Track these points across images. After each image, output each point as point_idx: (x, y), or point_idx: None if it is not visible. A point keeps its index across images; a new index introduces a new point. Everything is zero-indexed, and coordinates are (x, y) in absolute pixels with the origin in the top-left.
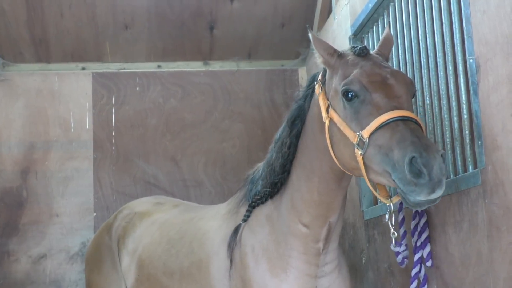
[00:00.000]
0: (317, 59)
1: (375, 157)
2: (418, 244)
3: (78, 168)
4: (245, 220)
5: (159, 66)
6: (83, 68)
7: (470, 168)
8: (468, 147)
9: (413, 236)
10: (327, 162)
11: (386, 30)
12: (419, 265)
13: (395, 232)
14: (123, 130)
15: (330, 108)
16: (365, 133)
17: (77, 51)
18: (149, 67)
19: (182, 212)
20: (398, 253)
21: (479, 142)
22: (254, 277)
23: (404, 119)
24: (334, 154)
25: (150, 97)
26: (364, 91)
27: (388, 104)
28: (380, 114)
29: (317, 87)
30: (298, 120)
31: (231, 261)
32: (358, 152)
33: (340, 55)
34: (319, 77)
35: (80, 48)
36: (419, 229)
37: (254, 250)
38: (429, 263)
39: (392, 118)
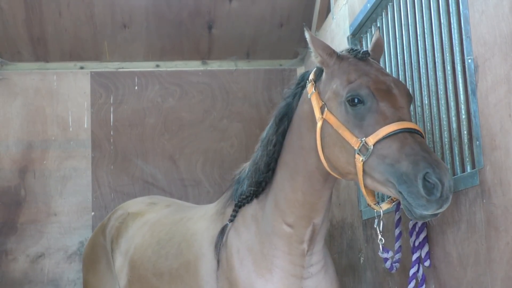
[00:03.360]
0: (314, 59)
1: (379, 166)
2: (416, 244)
3: (76, 167)
4: (231, 221)
5: (157, 66)
6: (81, 67)
7: (468, 168)
8: (466, 147)
9: (411, 236)
10: (313, 162)
11: (377, 35)
12: (417, 265)
13: (383, 239)
14: (121, 129)
15: (326, 109)
16: (370, 140)
17: (75, 50)
18: (148, 66)
19: (173, 213)
20: (386, 259)
21: (477, 142)
22: (240, 278)
23: (410, 131)
24: (324, 156)
25: (148, 97)
26: (372, 98)
27: (394, 114)
28: (387, 124)
29: (310, 86)
30: (286, 118)
31: (218, 262)
32: (359, 158)
33: (339, 57)
34: (311, 76)
35: (78, 47)
36: (417, 229)
37: (239, 251)
38: (427, 263)
39: (400, 129)
